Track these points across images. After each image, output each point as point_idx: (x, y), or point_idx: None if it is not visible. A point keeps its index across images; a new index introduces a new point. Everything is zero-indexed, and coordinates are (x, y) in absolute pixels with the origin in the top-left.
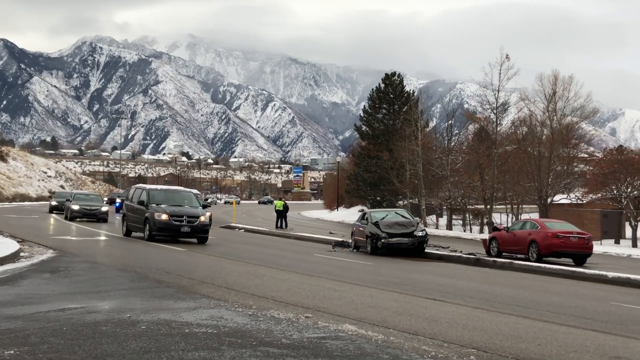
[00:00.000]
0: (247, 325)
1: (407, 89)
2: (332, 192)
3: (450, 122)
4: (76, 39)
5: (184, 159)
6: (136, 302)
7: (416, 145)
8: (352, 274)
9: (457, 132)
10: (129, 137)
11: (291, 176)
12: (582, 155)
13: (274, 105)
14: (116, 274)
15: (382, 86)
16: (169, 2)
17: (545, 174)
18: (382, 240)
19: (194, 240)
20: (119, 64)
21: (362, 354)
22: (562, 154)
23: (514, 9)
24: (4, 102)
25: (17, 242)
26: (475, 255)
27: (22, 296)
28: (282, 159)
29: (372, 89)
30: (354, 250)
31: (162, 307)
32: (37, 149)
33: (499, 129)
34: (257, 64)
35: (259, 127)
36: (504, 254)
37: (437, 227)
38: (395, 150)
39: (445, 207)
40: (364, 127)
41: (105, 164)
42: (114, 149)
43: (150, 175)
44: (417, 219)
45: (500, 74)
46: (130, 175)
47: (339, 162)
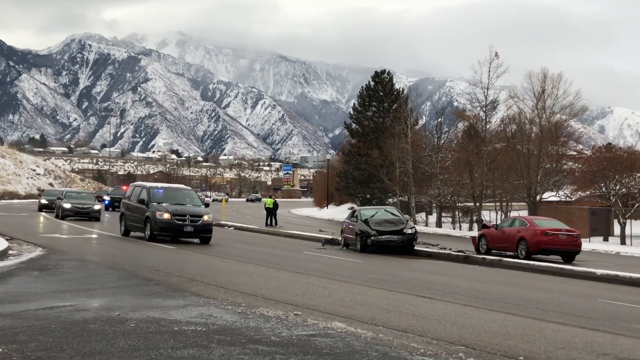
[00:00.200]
0: (236, 323)
1: (396, 86)
2: (322, 189)
3: (439, 119)
4: (65, 36)
5: (174, 156)
6: (125, 300)
7: (406, 143)
8: (341, 272)
9: (446, 129)
10: (118, 134)
11: (281, 174)
12: (571, 153)
13: (264, 102)
14: (105, 272)
15: (372, 84)
16: None
17: (534, 172)
18: (372, 237)
19: (196, 240)
20: (108, 61)
21: (351, 352)
22: (551, 152)
23: (503, 6)
24: None
25: (6, 239)
26: (464, 252)
27: (11, 294)
28: (272, 157)
29: (362, 87)
30: (344, 247)
31: (151, 305)
32: (26, 146)
33: (488, 126)
34: (246, 61)
35: (248, 124)
36: (493, 251)
37: (426, 225)
38: (385, 148)
39: (434, 205)
40: (354, 125)
41: (94, 161)
42: (103, 146)
43: (139, 173)
44: (406, 216)
45: (489, 71)
46: (119, 173)
47: (328, 159)
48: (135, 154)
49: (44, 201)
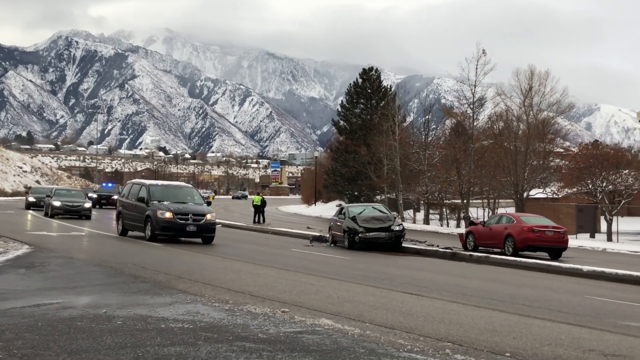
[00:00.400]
0: (224, 320)
1: (384, 84)
2: (310, 187)
3: (427, 117)
4: (52, 33)
5: (161, 154)
6: (112, 297)
7: (393, 140)
8: (329, 269)
9: (434, 127)
10: (106, 132)
11: (269, 171)
12: (558, 150)
13: (252, 100)
14: (92, 269)
15: (360, 81)
16: None
17: (521, 169)
18: (360, 234)
19: (198, 240)
20: (95, 58)
21: (339, 348)
22: (538, 149)
23: (490, 3)
24: None
25: None
26: (451, 249)
27: None
28: (260, 154)
29: (350, 84)
30: (332, 245)
31: (138, 303)
32: (13, 144)
33: (475, 124)
34: (234, 58)
35: (236, 122)
36: (480, 248)
37: (414, 222)
38: (372, 145)
39: (422, 202)
40: (342, 122)
41: (81, 159)
42: (90, 143)
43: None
44: (394, 213)
45: (476, 69)
46: (106, 170)
47: (316, 157)
48: (122, 151)
49: (31, 199)
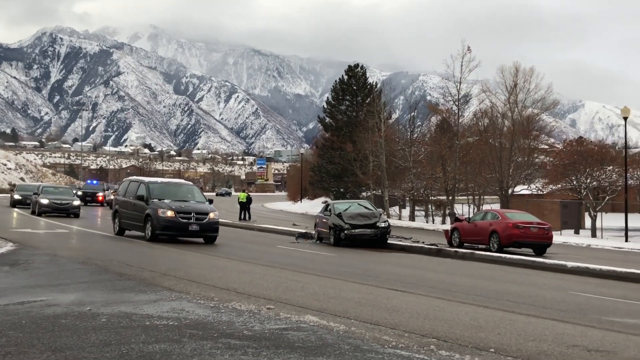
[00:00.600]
0: (209, 317)
1: (370, 80)
2: (296, 183)
3: (412, 113)
4: (36, 30)
5: (147, 150)
6: (97, 295)
7: (379, 136)
8: (315, 266)
9: (419, 123)
10: (90, 128)
11: (255, 168)
12: (543, 146)
13: (237, 96)
14: (77, 267)
15: (346, 78)
16: None
17: (506, 165)
18: (345, 231)
19: (200, 240)
20: (79, 54)
21: (324, 345)
22: (523, 146)
23: (475, 1)
24: None
25: None
26: (437, 245)
27: None
28: (246, 151)
29: (335, 81)
30: (317, 241)
31: (123, 300)
32: None
33: (460, 120)
34: (219, 55)
35: (222, 118)
36: (465, 244)
37: (400, 218)
38: (358, 141)
39: (408, 198)
40: (328, 119)
41: (66, 156)
42: (75, 140)
43: (112, 167)
44: (379, 210)
45: (462, 66)
46: (91, 167)
47: (302, 153)
48: (107, 148)
49: (17, 197)
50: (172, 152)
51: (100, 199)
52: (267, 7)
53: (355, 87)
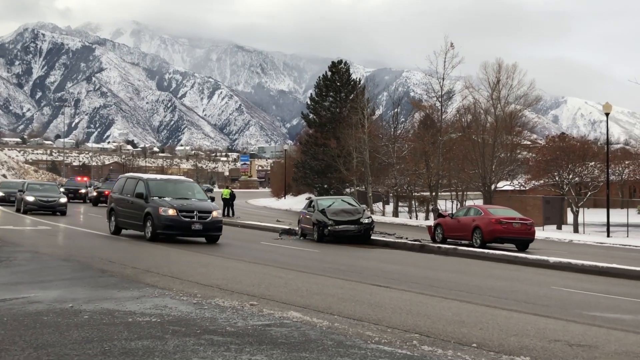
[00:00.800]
0: (192, 313)
1: (353, 76)
2: (280, 180)
3: (396, 110)
4: (18, 26)
5: (129, 147)
6: (79, 291)
7: (363, 133)
8: (298, 262)
9: (403, 120)
10: (73, 125)
11: (238, 164)
12: (525, 142)
13: (221, 93)
14: (59, 263)
15: (329, 74)
16: None
17: (489, 161)
18: (329, 227)
19: (202, 239)
20: (61, 51)
21: (307, 341)
22: (506, 142)
23: None
24: None
25: None
26: (420, 241)
27: None
28: (229, 147)
29: (319, 77)
30: (301, 238)
31: (105, 297)
32: None
33: (444, 116)
34: (203, 51)
35: (205, 115)
36: (448, 240)
37: (383, 214)
38: (342, 138)
39: (391, 195)
40: (311, 115)
41: (48, 152)
42: (58, 137)
43: (94, 163)
44: (363, 206)
45: (445, 62)
46: (74, 164)
47: (286, 150)
48: (90, 144)
49: (0, 194)
50: (155, 149)
51: (83, 195)
52: (250, 3)
53: (338, 84)
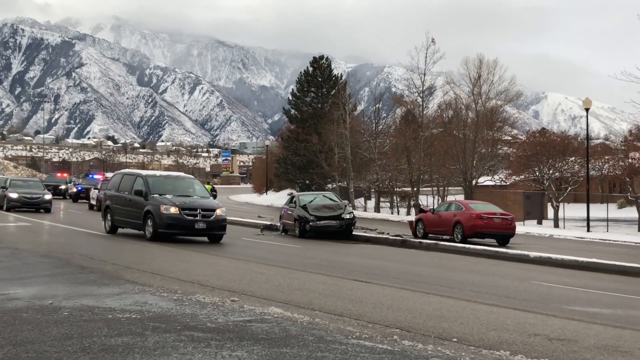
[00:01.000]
0: (172, 310)
1: (335, 72)
2: (261, 176)
3: (378, 105)
4: None
5: (110, 143)
6: (58, 288)
7: (344, 128)
8: (279, 257)
9: (384, 115)
10: (53, 121)
11: (220, 160)
12: (506, 137)
13: (202, 88)
14: (39, 260)
15: (311, 69)
16: None
17: (470, 157)
18: (310, 223)
19: (204, 238)
20: (41, 46)
21: (288, 336)
22: (487, 137)
23: None
24: None
25: None
26: (401, 237)
27: None
28: (211, 143)
29: (301, 73)
30: (283, 233)
31: (85, 293)
32: None
33: (425, 112)
34: (184, 46)
35: (186, 110)
36: (430, 235)
37: (365, 210)
38: (323, 133)
39: (373, 190)
40: (293, 111)
41: (28, 148)
42: (37, 133)
43: (75, 159)
44: (344, 201)
45: (426, 57)
46: (54, 160)
47: (267, 145)
48: (70, 140)
49: None
50: (136, 145)
51: (63, 191)
52: None
53: (320, 79)
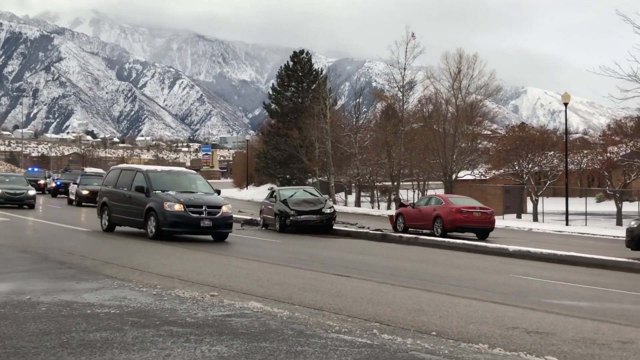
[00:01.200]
0: (151, 305)
1: (315, 67)
2: (242, 170)
3: (358, 100)
4: None
5: (89, 137)
6: (37, 283)
7: (325, 123)
8: (259, 252)
9: (365, 110)
10: (31, 115)
11: (200, 155)
12: (486, 132)
13: (182, 82)
14: (17, 255)
15: (291, 64)
16: None
17: (450, 151)
18: (291, 217)
19: (208, 237)
20: (19, 40)
21: (267, 331)
22: (467, 132)
23: None
24: None
25: None
26: (382, 231)
27: None
28: (191, 138)
29: (281, 67)
30: (263, 228)
31: (64, 289)
32: None
33: (405, 107)
34: (163, 40)
35: (166, 105)
36: (410, 229)
37: (345, 204)
38: (304, 128)
39: (353, 184)
40: (273, 106)
41: (6, 143)
42: (16, 127)
43: (54, 154)
44: (325, 196)
45: (406, 52)
46: (33, 154)
47: (248, 140)
48: (49, 135)
49: None
50: (116, 139)
51: (41, 186)
52: None
53: (300, 74)
